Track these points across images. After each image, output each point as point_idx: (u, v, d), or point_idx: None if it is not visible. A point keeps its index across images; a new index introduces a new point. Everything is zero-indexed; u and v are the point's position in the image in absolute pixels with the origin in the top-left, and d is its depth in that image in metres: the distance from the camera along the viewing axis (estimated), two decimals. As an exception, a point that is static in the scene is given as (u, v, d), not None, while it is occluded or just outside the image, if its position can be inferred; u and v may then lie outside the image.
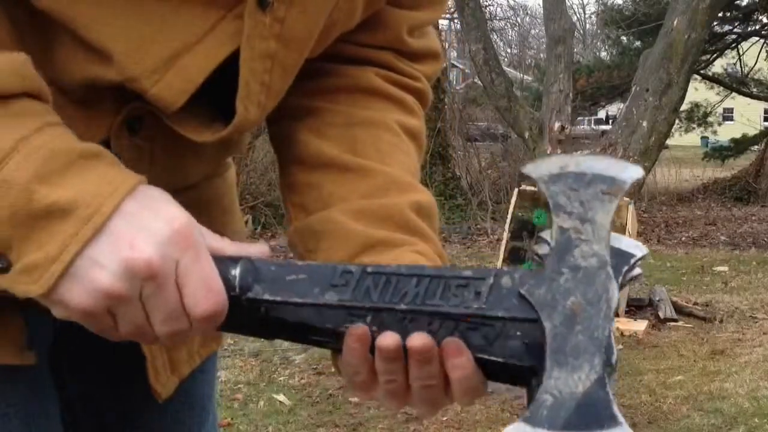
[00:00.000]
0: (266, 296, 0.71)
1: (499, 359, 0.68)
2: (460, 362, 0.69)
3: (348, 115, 0.93)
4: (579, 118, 17.84)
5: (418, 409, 0.75)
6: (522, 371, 0.68)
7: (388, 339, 0.69)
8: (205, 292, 0.70)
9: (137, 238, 0.68)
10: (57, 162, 0.67)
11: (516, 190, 6.20)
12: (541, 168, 0.72)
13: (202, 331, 0.72)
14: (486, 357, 0.68)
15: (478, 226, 11.34)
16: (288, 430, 3.80)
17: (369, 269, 0.71)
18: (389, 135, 0.93)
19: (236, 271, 0.71)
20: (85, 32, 0.75)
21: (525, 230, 5.93)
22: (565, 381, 0.63)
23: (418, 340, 0.68)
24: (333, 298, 0.70)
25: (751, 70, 17.95)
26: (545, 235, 0.71)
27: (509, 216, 6.05)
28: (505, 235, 6.02)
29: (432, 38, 1.02)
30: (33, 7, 0.74)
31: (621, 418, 0.62)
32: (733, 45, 16.95)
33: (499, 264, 5.93)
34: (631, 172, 0.71)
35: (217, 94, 0.82)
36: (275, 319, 0.71)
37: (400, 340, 0.69)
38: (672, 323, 5.83)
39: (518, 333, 0.67)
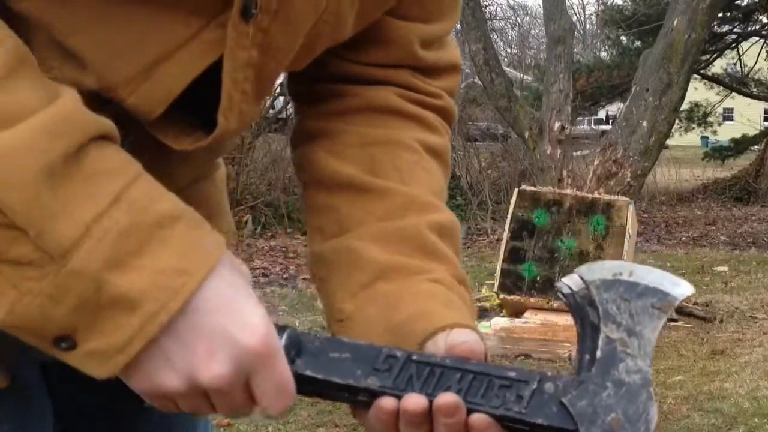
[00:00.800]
0: (308, 372, 0.71)
1: None
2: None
3: (365, 135, 0.90)
4: (579, 118, 17.83)
5: None
6: None
7: (414, 400, 0.69)
8: (279, 397, 0.70)
9: (215, 350, 0.66)
10: (130, 242, 0.64)
11: (516, 190, 6.20)
12: (594, 272, 0.71)
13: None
14: None
15: (478, 226, 11.34)
16: (288, 430, 3.80)
17: (414, 357, 0.70)
18: (408, 153, 0.91)
19: (281, 342, 0.71)
20: (62, 38, 0.72)
21: (525, 230, 5.93)
22: None
23: (446, 398, 0.68)
24: (374, 383, 0.69)
25: (751, 70, 17.95)
26: (569, 282, 0.72)
27: (509, 216, 6.05)
28: (505, 235, 6.01)
29: (450, 49, 0.98)
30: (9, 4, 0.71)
31: None
32: (733, 45, 16.95)
33: (499, 264, 5.93)
34: (683, 289, 0.71)
35: (196, 99, 0.80)
36: (313, 389, 0.72)
37: (426, 402, 0.69)
38: (672, 323, 5.83)
39: None
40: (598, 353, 0.68)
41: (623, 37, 16.90)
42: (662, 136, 8.23)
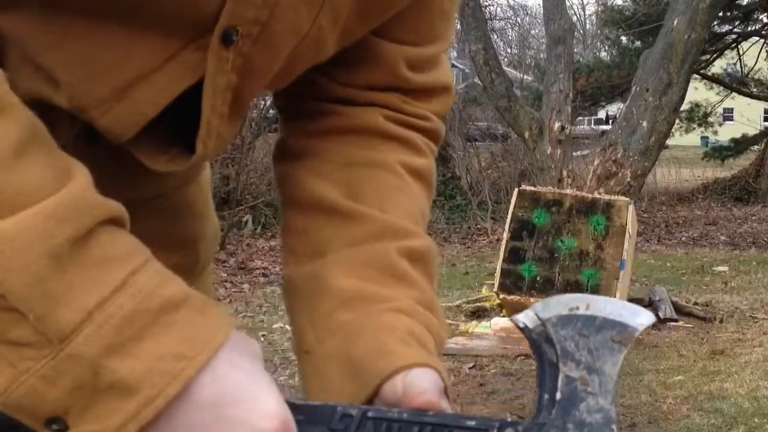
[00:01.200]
0: None
1: None
2: None
3: (348, 155, 0.89)
4: (579, 118, 17.83)
5: None
6: None
7: None
8: None
9: None
10: (132, 328, 0.62)
11: (516, 190, 6.20)
12: (550, 309, 0.69)
13: None
14: None
15: (478, 226, 11.34)
16: (288, 430, 3.80)
17: (370, 414, 0.68)
18: (390, 176, 0.89)
19: None
20: (35, 55, 0.70)
21: (525, 230, 5.93)
22: None
23: None
24: None
25: (751, 70, 17.95)
26: (524, 318, 0.70)
27: (509, 216, 6.05)
28: (505, 235, 6.01)
29: (442, 70, 0.95)
30: None
31: None
32: (733, 45, 16.96)
33: (499, 264, 5.93)
34: (642, 319, 0.68)
35: (171, 116, 0.78)
36: None
37: None
38: (672, 323, 5.83)
39: None
40: (558, 394, 0.66)
41: (623, 37, 16.90)
42: (662, 136, 8.23)
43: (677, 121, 12.79)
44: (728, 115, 23.65)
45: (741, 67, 18.04)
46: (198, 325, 0.65)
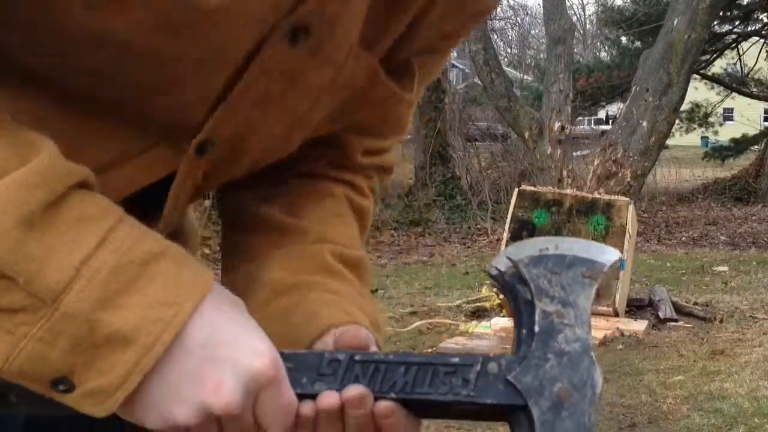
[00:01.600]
0: None
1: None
2: (392, 422, 0.71)
3: (292, 184, 0.93)
4: (579, 118, 17.83)
5: None
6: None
7: (328, 399, 0.71)
8: (282, 417, 0.70)
9: (224, 377, 0.67)
10: (119, 281, 0.65)
11: (516, 190, 6.20)
12: (520, 251, 0.72)
13: None
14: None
15: (478, 226, 11.34)
16: (288, 430, 3.80)
17: (357, 357, 0.70)
18: (332, 201, 0.93)
19: None
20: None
21: (525, 230, 5.93)
22: None
23: (351, 392, 0.70)
24: (322, 389, 0.70)
25: (751, 70, 17.95)
26: (496, 263, 0.73)
27: (509, 216, 6.05)
28: (505, 235, 6.01)
29: (390, 156, 1.01)
30: None
31: None
32: (733, 45, 16.95)
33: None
34: (609, 255, 0.72)
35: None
36: None
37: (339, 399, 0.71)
38: (672, 323, 5.83)
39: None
40: (536, 328, 0.69)
41: (623, 38, 16.90)
42: (662, 136, 8.23)
43: (677, 121, 12.79)
44: (728, 115, 23.65)
45: (741, 67, 18.04)
46: (182, 275, 0.67)
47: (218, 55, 0.72)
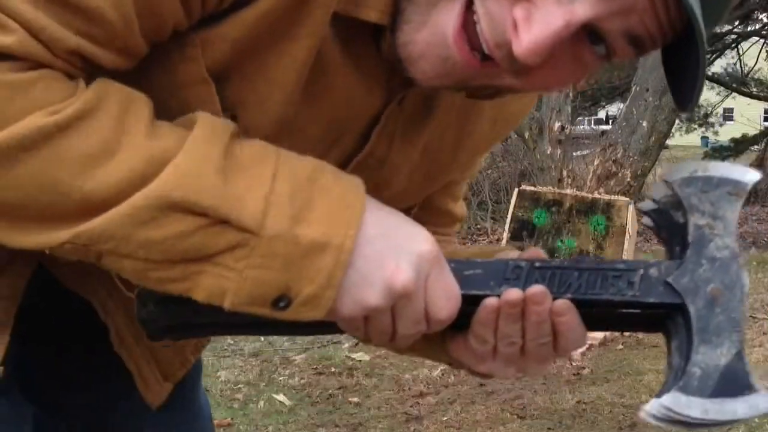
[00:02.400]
0: None
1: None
2: (567, 320, 0.81)
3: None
4: (579, 118, 17.81)
5: (530, 370, 0.87)
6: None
7: (514, 293, 0.81)
8: (446, 300, 0.81)
9: (400, 261, 0.79)
10: (299, 200, 0.77)
11: (516, 190, 6.20)
12: (673, 173, 0.81)
13: (436, 330, 0.84)
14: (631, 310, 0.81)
15: (478, 226, 11.33)
16: (288, 430, 3.80)
17: (537, 264, 0.80)
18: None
19: None
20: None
21: (525, 230, 5.93)
22: (710, 356, 0.74)
23: (534, 289, 0.81)
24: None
25: (751, 70, 17.94)
26: (654, 191, 0.84)
27: (509, 216, 6.05)
28: (505, 235, 6.01)
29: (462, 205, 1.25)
30: None
31: (758, 386, 0.75)
32: (733, 45, 16.95)
33: (499, 264, 5.93)
34: (751, 176, 0.82)
35: None
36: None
37: (522, 293, 0.81)
38: (672, 323, 5.83)
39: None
40: (689, 238, 0.78)
41: (623, 37, 16.85)
42: (662, 136, 8.23)
43: (677, 121, 12.78)
44: (728, 115, 23.63)
45: (741, 67, 18.04)
46: (342, 182, 0.81)
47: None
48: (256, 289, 0.77)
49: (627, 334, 5.42)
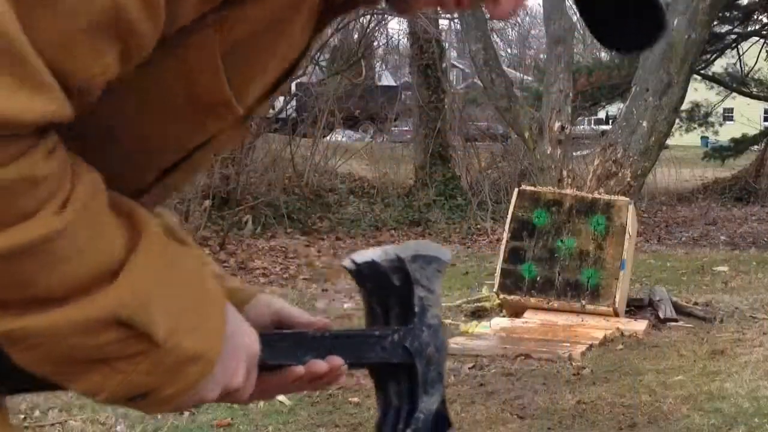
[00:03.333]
0: (269, 361, 0.94)
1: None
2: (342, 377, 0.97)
3: None
4: (579, 118, 17.81)
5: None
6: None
7: (320, 366, 0.94)
8: (251, 385, 0.90)
9: (239, 361, 0.87)
10: (193, 314, 0.82)
11: (516, 190, 6.19)
12: (406, 250, 0.97)
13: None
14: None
15: (478, 226, 11.33)
16: (288, 430, 3.80)
17: (327, 334, 0.96)
18: None
19: None
20: None
21: (525, 230, 5.93)
22: (428, 403, 0.96)
23: (337, 361, 0.95)
24: (311, 358, 0.96)
25: (751, 70, 17.94)
26: (357, 258, 0.99)
27: (509, 216, 6.05)
28: (505, 235, 6.01)
29: None
30: None
31: (451, 421, 0.98)
32: (733, 45, 16.95)
33: (499, 264, 5.93)
34: (447, 253, 1.01)
35: None
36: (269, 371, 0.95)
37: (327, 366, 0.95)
38: (672, 323, 5.83)
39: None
40: (415, 308, 0.96)
41: (623, 37, 16.84)
42: (662, 136, 8.22)
43: (677, 121, 12.78)
44: (728, 115, 23.63)
45: (741, 67, 18.04)
46: (218, 291, 0.86)
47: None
48: (132, 390, 0.79)
49: (627, 335, 5.42)
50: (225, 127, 0.87)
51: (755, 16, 16.67)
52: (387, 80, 23.26)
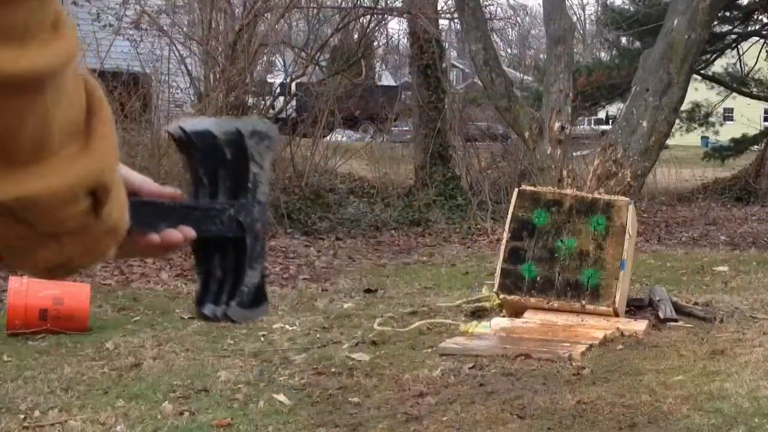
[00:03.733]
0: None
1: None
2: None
3: None
4: (579, 118, 17.81)
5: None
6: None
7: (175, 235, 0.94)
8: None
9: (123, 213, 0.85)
10: (120, 189, 0.81)
11: (516, 190, 6.20)
12: (245, 125, 0.98)
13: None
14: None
15: (478, 226, 11.33)
16: (288, 430, 3.80)
17: (180, 204, 0.96)
18: None
19: None
20: None
21: (525, 230, 5.93)
22: (252, 277, 0.99)
23: (190, 232, 0.96)
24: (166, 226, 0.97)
25: (751, 70, 17.95)
26: (187, 125, 0.97)
27: (509, 216, 6.05)
28: (505, 235, 6.01)
29: None
30: None
31: (268, 296, 1.02)
32: (733, 45, 16.95)
33: (499, 264, 5.93)
34: (276, 131, 1.01)
35: None
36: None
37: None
38: (672, 323, 5.83)
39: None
40: (249, 184, 0.98)
41: (623, 38, 16.89)
42: (662, 136, 8.23)
43: (677, 121, 12.78)
44: (728, 115, 23.63)
45: (741, 67, 18.04)
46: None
47: None
48: (59, 262, 0.78)
49: (627, 335, 5.42)
50: None
51: (755, 16, 16.67)
52: (387, 80, 23.29)
